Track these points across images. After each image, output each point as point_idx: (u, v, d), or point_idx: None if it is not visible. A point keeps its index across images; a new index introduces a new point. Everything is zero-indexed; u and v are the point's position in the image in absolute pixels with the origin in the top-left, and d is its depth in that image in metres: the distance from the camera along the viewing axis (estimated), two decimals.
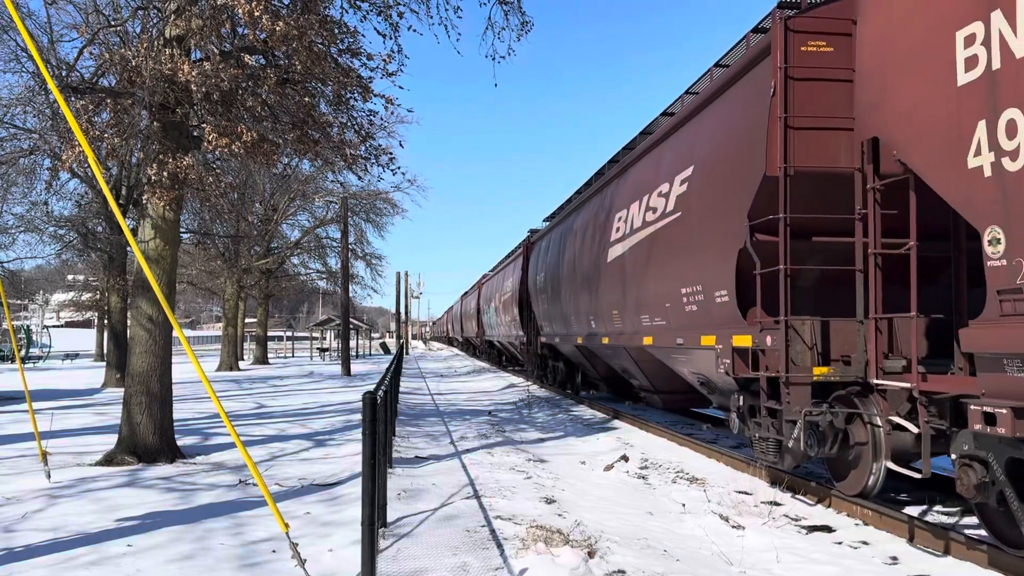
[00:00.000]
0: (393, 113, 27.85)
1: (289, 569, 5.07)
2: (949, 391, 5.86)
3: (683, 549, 5.96)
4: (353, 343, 43.66)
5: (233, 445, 10.52)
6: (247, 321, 46.24)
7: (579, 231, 15.25)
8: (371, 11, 10.40)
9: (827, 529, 6.62)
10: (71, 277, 51.39)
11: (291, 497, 7.42)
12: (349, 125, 10.66)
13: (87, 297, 45.15)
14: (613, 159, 14.83)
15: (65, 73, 9.71)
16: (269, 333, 47.77)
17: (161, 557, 5.50)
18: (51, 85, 6.15)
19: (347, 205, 31.63)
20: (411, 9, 10.55)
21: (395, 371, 14.46)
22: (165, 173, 9.23)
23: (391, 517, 6.47)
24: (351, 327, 35.35)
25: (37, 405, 15.90)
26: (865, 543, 6.18)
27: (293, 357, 52.71)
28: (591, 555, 5.42)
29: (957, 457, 5.47)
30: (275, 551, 5.58)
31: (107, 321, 25.56)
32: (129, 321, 11.07)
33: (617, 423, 13.98)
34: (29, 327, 48.52)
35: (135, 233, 13.48)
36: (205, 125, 9.37)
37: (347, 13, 16.86)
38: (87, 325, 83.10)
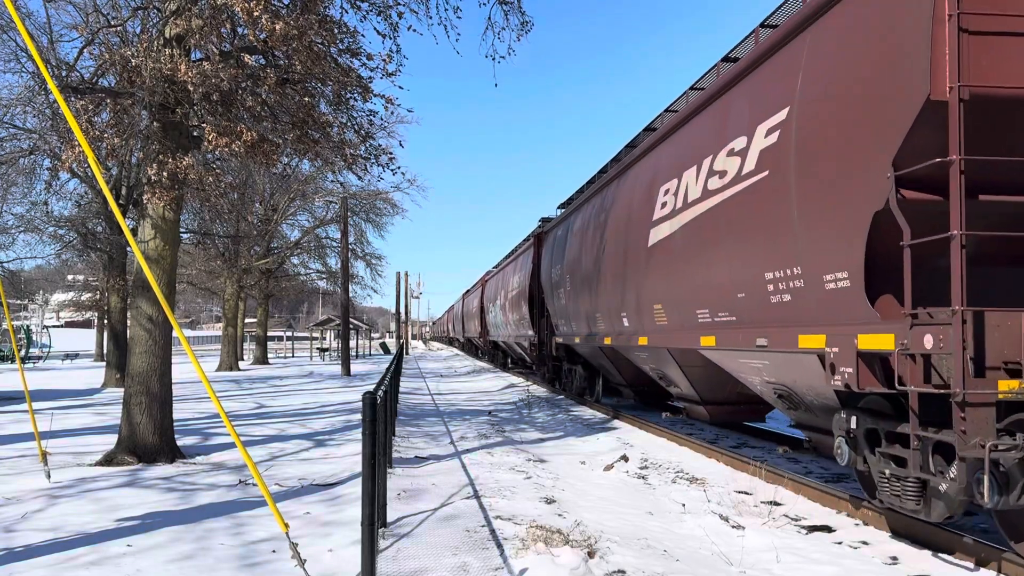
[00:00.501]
0: (393, 113, 27.85)
1: (289, 569, 5.07)
2: None
3: (683, 549, 5.96)
4: (353, 343, 43.67)
5: (233, 445, 10.52)
6: (247, 321, 46.28)
7: (607, 214, 13.07)
8: (371, 11, 10.40)
9: (827, 529, 6.62)
10: (71, 277, 51.41)
11: (291, 497, 7.42)
12: (349, 125, 10.66)
13: (87, 297, 45.18)
14: (649, 127, 12.56)
15: (65, 73, 9.72)
16: (269, 333, 47.79)
17: (161, 557, 5.50)
18: (51, 85, 6.15)
19: (347, 205, 31.62)
20: (411, 9, 10.56)
21: (395, 371, 14.46)
22: (165, 173, 9.23)
23: (391, 517, 6.48)
24: (351, 327, 35.35)
25: (37, 405, 15.91)
26: (865, 543, 6.18)
27: (293, 357, 52.72)
28: (591, 555, 5.42)
29: None
30: (275, 551, 5.58)
31: (107, 321, 25.56)
32: (129, 321, 11.07)
33: (617, 423, 13.98)
34: (29, 327, 48.48)
35: (135, 233, 13.48)
36: (205, 125, 9.37)
37: (347, 13, 16.87)
38: (87, 325, 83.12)
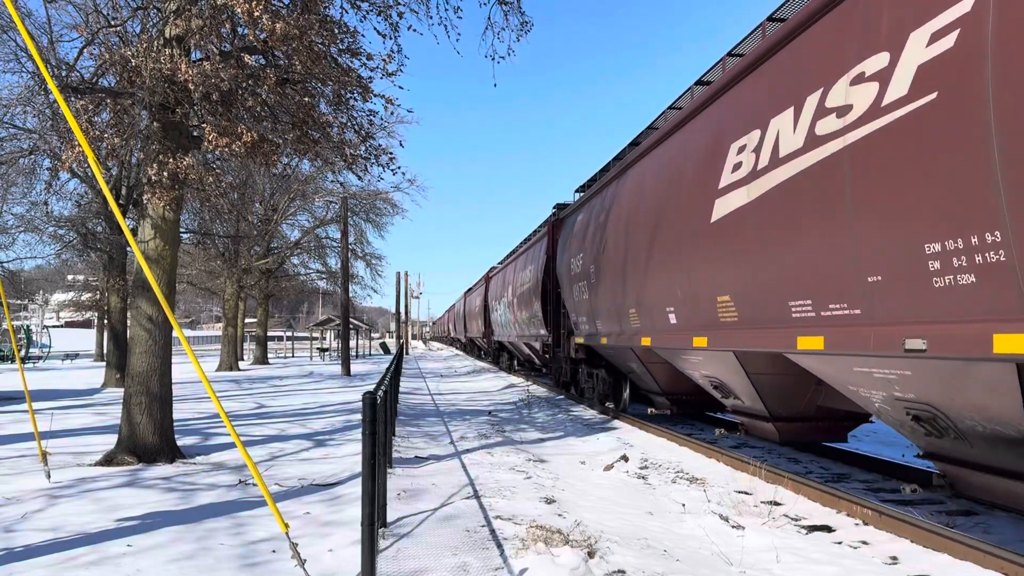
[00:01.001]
0: (393, 113, 27.91)
1: (289, 569, 5.07)
2: None
3: (683, 549, 5.96)
4: (353, 343, 43.69)
5: (233, 445, 10.52)
6: (247, 321, 46.30)
7: (645, 189, 10.92)
8: (371, 11, 10.41)
9: (827, 529, 6.62)
10: (71, 277, 51.43)
11: (291, 497, 7.42)
12: (349, 125, 10.66)
13: (87, 297, 45.20)
14: (701, 81, 10.28)
15: (65, 73, 9.71)
16: (269, 333, 47.81)
17: (161, 557, 5.50)
18: (51, 85, 6.15)
19: (347, 205, 31.62)
20: (411, 9, 10.56)
21: (395, 371, 14.46)
22: (165, 173, 9.23)
23: (391, 517, 6.48)
24: (351, 327, 35.35)
25: (37, 405, 15.92)
26: (865, 543, 6.18)
27: (293, 357, 52.72)
28: (591, 555, 5.42)
29: None
30: (275, 551, 5.58)
31: (107, 321, 25.56)
32: (129, 321, 11.07)
33: (617, 423, 13.98)
34: (29, 327, 48.50)
35: (135, 233, 13.48)
36: (205, 125, 9.37)
37: (347, 13, 16.88)
38: (87, 325, 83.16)
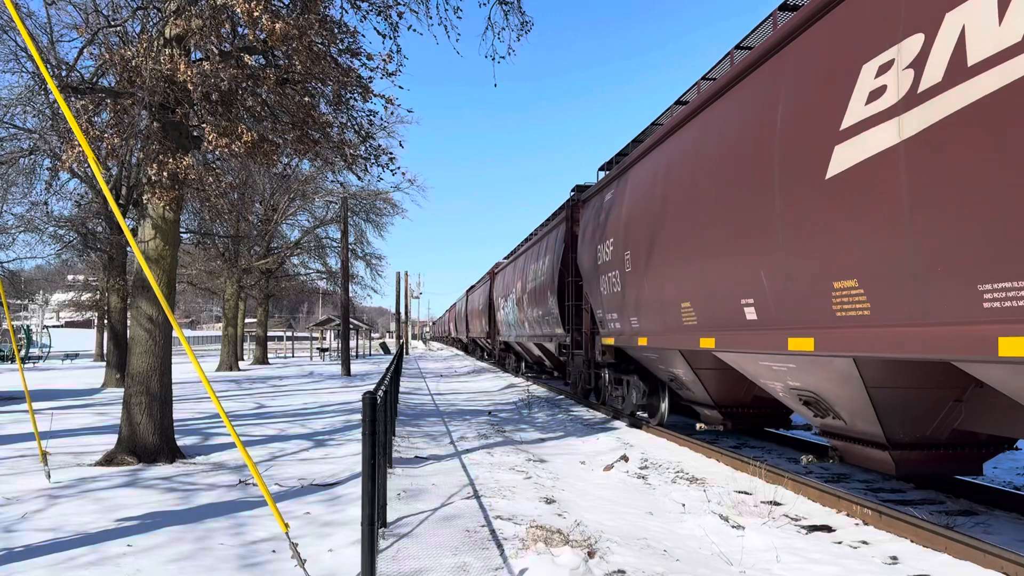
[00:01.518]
0: (393, 113, 27.95)
1: (289, 569, 5.07)
2: None
3: (683, 549, 5.96)
4: (353, 343, 43.69)
5: (233, 445, 10.52)
6: (247, 321, 46.29)
7: (709, 148, 8.46)
8: (371, 11, 10.41)
9: (827, 529, 6.62)
10: (71, 277, 51.39)
11: (291, 497, 7.42)
12: (349, 125, 10.66)
13: (87, 297, 45.17)
14: (788, 6, 7.92)
15: (65, 73, 9.71)
16: (269, 333, 47.81)
17: (161, 557, 5.50)
18: (51, 85, 6.15)
19: (347, 205, 31.62)
20: (411, 9, 10.57)
21: (395, 371, 14.47)
22: (165, 173, 9.23)
23: (391, 517, 6.48)
24: (351, 327, 35.35)
25: (37, 405, 15.92)
26: (865, 543, 6.18)
27: (293, 357, 52.72)
28: (591, 555, 5.42)
29: None
30: (275, 551, 5.58)
31: (107, 321, 25.56)
32: (129, 321, 11.07)
33: (617, 423, 13.97)
34: (29, 327, 48.51)
35: (135, 233, 13.48)
36: (205, 125, 9.37)
37: (347, 13, 16.91)
38: (87, 325, 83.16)
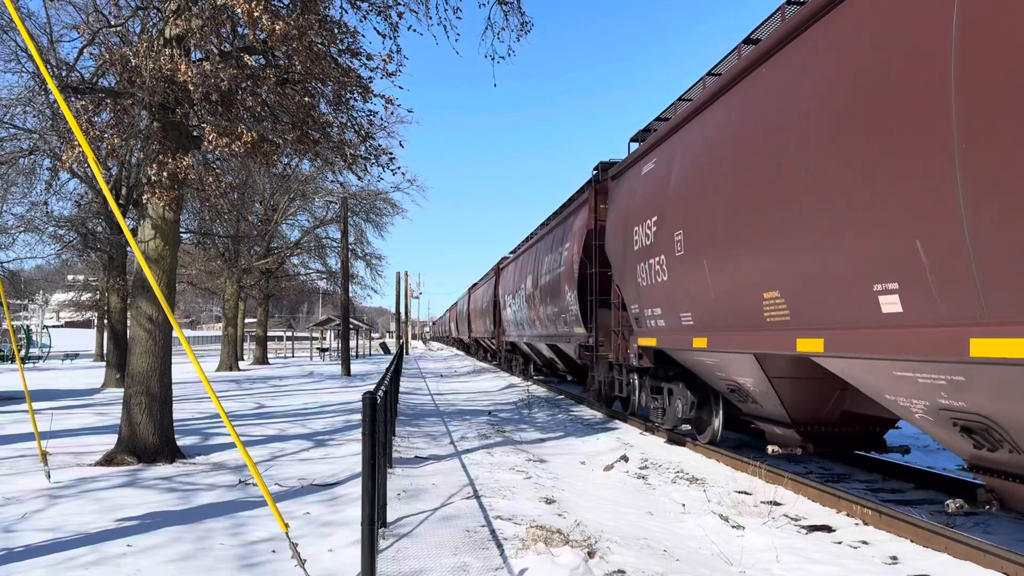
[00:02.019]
0: (393, 113, 27.94)
1: (289, 569, 5.07)
2: None
3: (683, 549, 5.96)
4: (353, 343, 43.68)
5: (233, 445, 10.52)
6: (247, 321, 46.29)
7: (828, 73, 6.09)
8: (371, 11, 10.42)
9: (827, 529, 6.62)
10: (71, 277, 51.36)
11: (291, 497, 7.42)
12: (349, 125, 10.67)
13: (87, 297, 45.17)
14: None
15: (65, 73, 9.71)
16: (269, 333, 47.80)
17: (161, 557, 5.50)
18: (51, 85, 6.15)
19: (347, 205, 31.62)
20: (411, 9, 10.58)
21: (395, 371, 14.47)
22: (165, 173, 9.23)
23: (391, 517, 6.48)
24: (351, 327, 35.35)
25: (37, 405, 15.92)
26: (865, 543, 6.18)
27: (293, 357, 52.71)
28: (591, 555, 5.42)
29: None
30: (275, 551, 5.58)
31: (107, 321, 25.56)
32: (129, 321, 11.07)
33: (617, 423, 13.97)
34: (29, 327, 48.52)
35: (135, 233, 13.48)
36: (205, 125, 9.37)
37: (347, 13, 16.92)
38: (87, 325, 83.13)
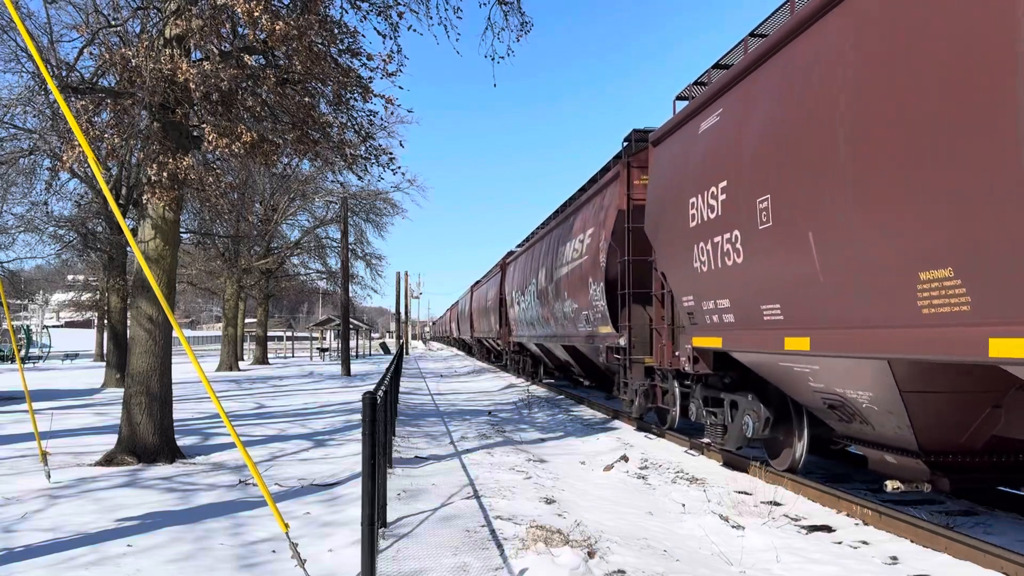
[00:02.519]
0: (393, 113, 27.93)
1: (289, 569, 5.07)
2: None
3: (683, 549, 5.96)
4: (353, 343, 43.67)
5: (233, 445, 10.52)
6: (247, 321, 46.29)
7: None
8: (371, 11, 10.42)
9: (827, 529, 6.62)
10: (71, 277, 51.37)
11: (291, 497, 7.42)
12: (349, 125, 10.67)
13: (87, 297, 45.18)
14: None
15: (65, 73, 9.70)
16: (269, 333, 47.80)
17: (161, 557, 5.50)
18: (51, 85, 6.15)
19: (347, 205, 31.63)
20: (411, 9, 10.59)
21: (395, 371, 14.46)
22: (165, 173, 9.23)
23: (391, 517, 6.48)
24: (351, 327, 35.34)
25: (37, 405, 15.91)
26: (865, 543, 6.18)
27: (293, 357, 52.72)
28: (591, 555, 5.42)
29: None
30: (275, 551, 5.58)
31: (107, 321, 25.57)
32: (129, 321, 11.07)
33: (617, 423, 13.97)
34: (29, 327, 48.52)
35: (135, 233, 13.47)
36: (205, 125, 9.37)
37: (347, 13, 16.91)
38: (87, 325, 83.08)
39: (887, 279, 5.46)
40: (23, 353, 42.88)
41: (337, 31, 9.74)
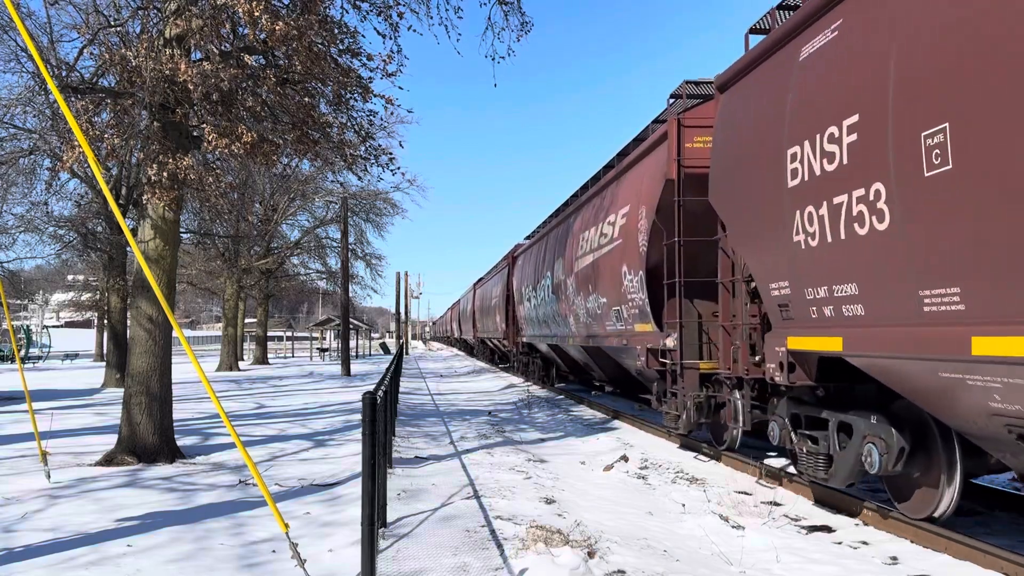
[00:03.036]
0: (393, 113, 27.90)
1: (289, 569, 5.07)
2: None
3: (683, 549, 5.96)
4: (353, 343, 43.68)
5: (233, 445, 10.52)
6: (247, 321, 46.31)
7: None
8: (371, 11, 10.41)
9: (827, 529, 6.62)
10: (71, 277, 51.38)
11: (291, 497, 7.42)
12: (349, 125, 10.67)
13: (87, 297, 45.19)
14: None
15: (65, 73, 9.71)
16: (269, 333, 47.81)
17: (161, 557, 5.50)
18: (51, 85, 6.15)
19: (347, 205, 31.63)
20: (411, 9, 10.58)
21: (395, 371, 14.46)
22: (165, 173, 9.23)
23: (391, 517, 6.48)
24: (351, 327, 35.35)
25: (37, 405, 15.90)
26: (865, 543, 6.18)
27: (293, 357, 52.73)
28: (591, 555, 5.42)
29: None
30: (275, 551, 5.58)
31: (107, 321, 25.57)
32: (129, 321, 11.07)
33: (617, 423, 13.97)
34: (29, 327, 48.53)
35: (135, 233, 13.48)
36: (205, 125, 9.38)
37: (347, 13, 16.90)
38: (87, 325, 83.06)
39: None
40: (23, 353, 42.88)
41: (337, 31, 9.74)
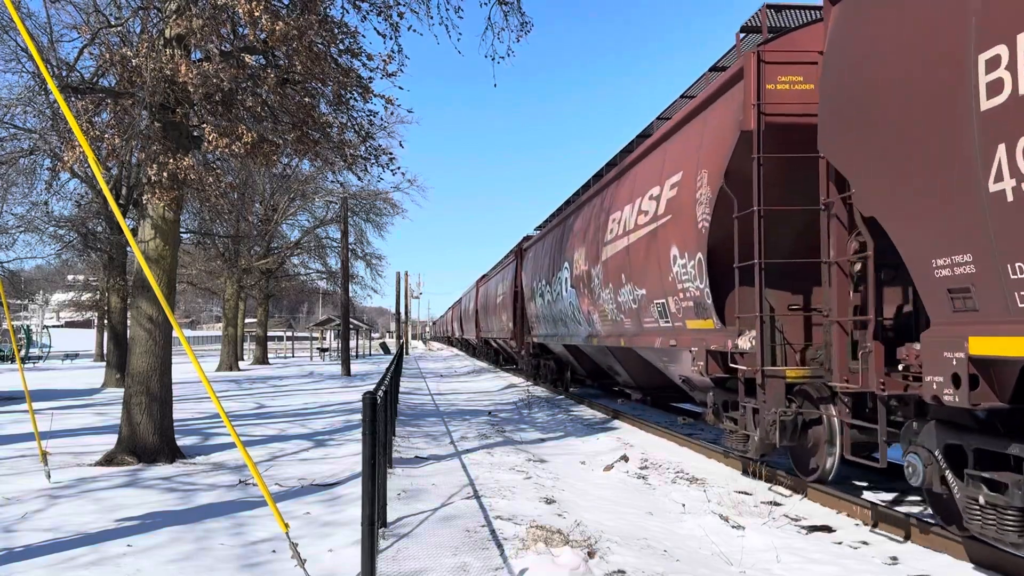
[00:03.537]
0: (393, 113, 27.87)
1: (289, 569, 5.07)
2: None
3: (683, 549, 5.96)
4: (353, 343, 43.68)
5: (233, 445, 10.52)
6: (247, 321, 46.30)
7: None
8: (371, 11, 10.41)
9: (827, 529, 6.62)
10: (71, 277, 51.35)
11: (291, 497, 7.42)
12: (349, 125, 10.67)
13: (87, 297, 45.17)
14: None
15: (65, 73, 9.71)
16: (269, 333, 47.81)
17: (161, 557, 5.50)
18: (51, 85, 6.15)
19: (347, 205, 31.63)
20: (411, 9, 10.58)
21: (395, 371, 14.46)
22: (165, 173, 9.23)
23: (391, 517, 6.48)
24: (351, 327, 35.35)
25: (37, 405, 15.91)
26: (865, 543, 6.18)
27: (293, 357, 52.74)
28: (591, 555, 5.42)
29: None
30: (275, 551, 5.58)
31: (107, 321, 25.58)
32: (129, 321, 11.08)
33: (617, 423, 13.98)
34: (29, 327, 48.53)
35: (135, 233, 13.48)
36: (205, 125, 9.38)
37: (347, 13, 16.88)
38: (87, 325, 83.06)
39: None
40: (23, 353, 42.89)
41: (337, 31, 9.74)
